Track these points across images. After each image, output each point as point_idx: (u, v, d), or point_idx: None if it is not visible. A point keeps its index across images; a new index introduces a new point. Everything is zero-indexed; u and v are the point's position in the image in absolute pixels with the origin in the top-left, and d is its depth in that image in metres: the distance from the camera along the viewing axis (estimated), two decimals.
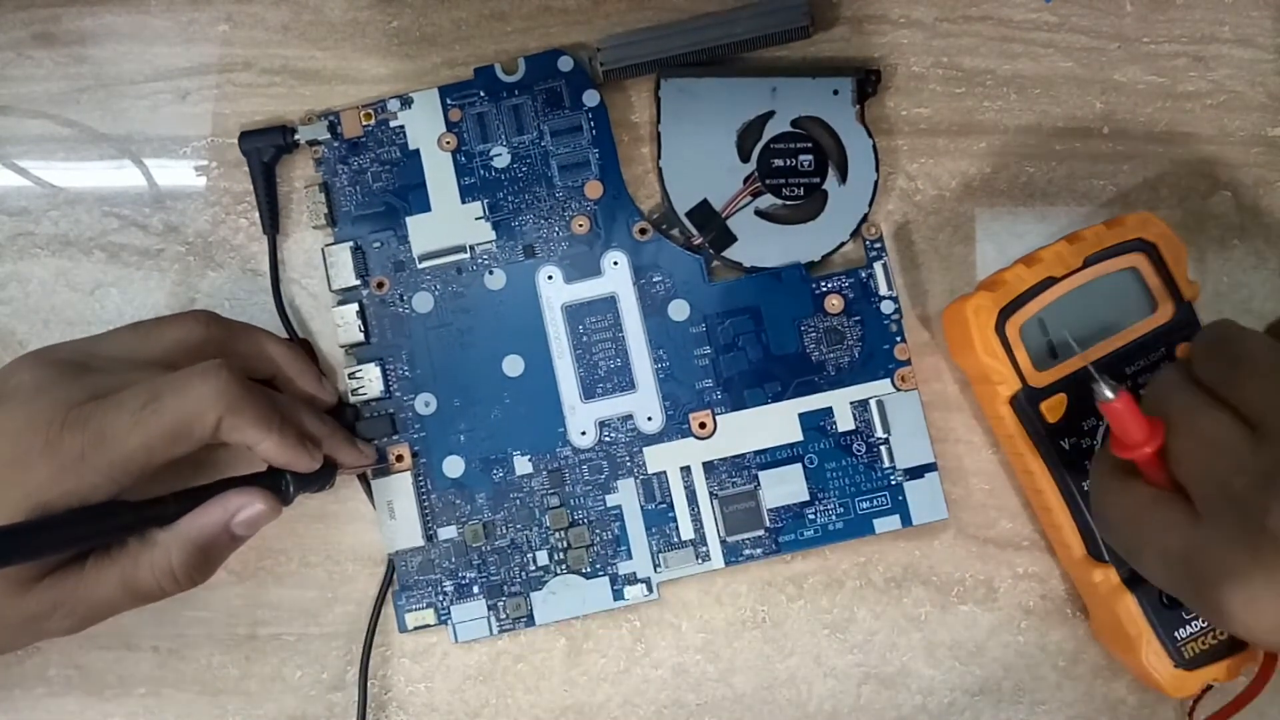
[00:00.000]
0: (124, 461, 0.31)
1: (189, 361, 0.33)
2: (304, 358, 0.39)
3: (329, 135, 0.40)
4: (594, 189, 0.40)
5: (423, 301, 0.40)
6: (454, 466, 0.39)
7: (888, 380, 0.39)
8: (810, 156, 0.39)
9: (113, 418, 0.31)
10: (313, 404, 0.38)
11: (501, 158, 0.40)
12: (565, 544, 0.39)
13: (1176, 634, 0.35)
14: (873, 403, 0.39)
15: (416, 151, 0.40)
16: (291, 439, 0.33)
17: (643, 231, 0.40)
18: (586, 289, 0.40)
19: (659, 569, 0.38)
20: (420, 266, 0.40)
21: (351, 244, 0.40)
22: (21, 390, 0.32)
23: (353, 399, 0.39)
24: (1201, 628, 0.36)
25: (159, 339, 0.35)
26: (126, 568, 0.32)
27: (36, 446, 0.30)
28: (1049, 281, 0.36)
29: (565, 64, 0.40)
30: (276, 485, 0.34)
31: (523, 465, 0.39)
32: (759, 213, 0.39)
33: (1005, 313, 0.36)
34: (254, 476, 0.34)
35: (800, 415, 0.39)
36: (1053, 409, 0.36)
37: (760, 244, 0.39)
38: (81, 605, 0.32)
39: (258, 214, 0.40)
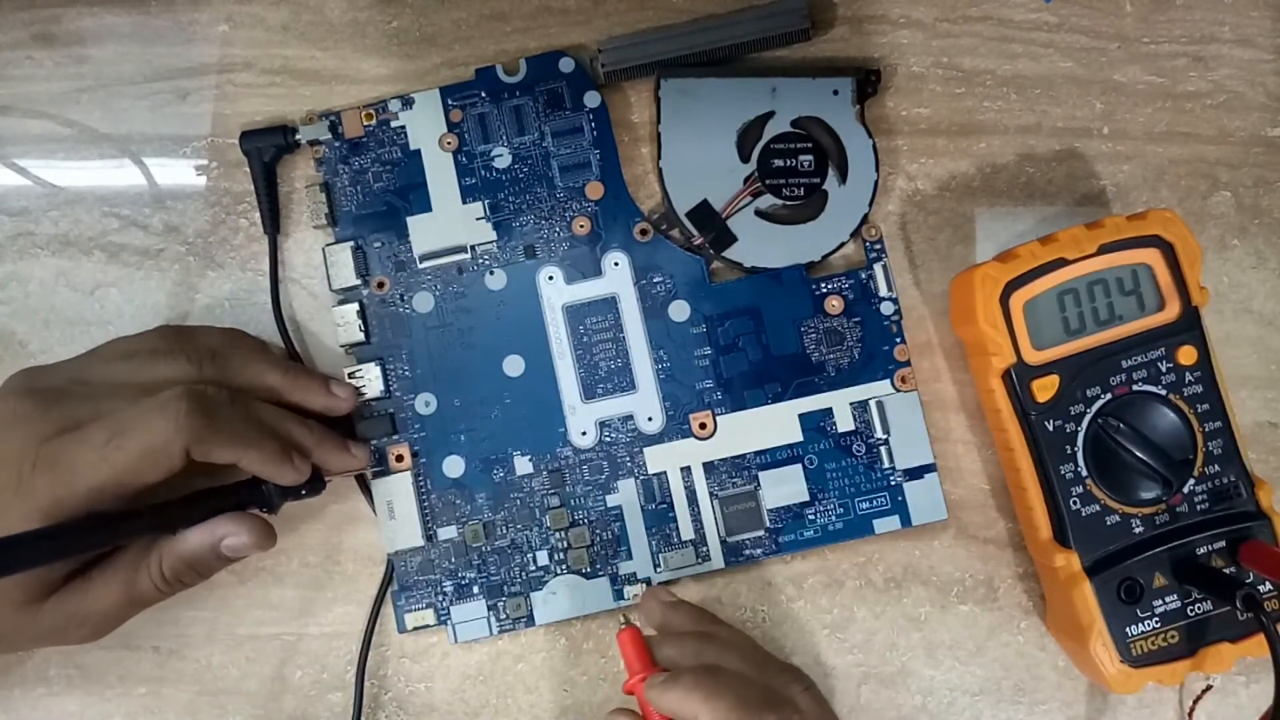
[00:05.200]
0: (95, 493, 0.31)
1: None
2: (305, 376, 0.37)
3: (330, 135, 0.40)
4: (595, 190, 0.40)
5: (423, 301, 0.40)
6: (454, 466, 0.39)
7: (887, 381, 0.39)
8: (810, 156, 0.39)
9: (79, 454, 0.31)
10: (304, 412, 0.37)
11: (502, 158, 0.40)
12: (565, 544, 0.39)
13: (1128, 630, 0.35)
14: (872, 403, 0.39)
15: (417, 152, 0.40)
16: (271, 453, 0.33)
17: (643, 232, 0.40)
18: (587, 289, 0.40)
19: (659, 569, 0.38)
20: (421, 266, 0.40)
21: (352, 244, 0.40)
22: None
23: None
24: (1154, 627, 0.35)
25: (150, 370, 0.34)
26: (128, 575, 0.33)
27: (10, 485, 0.31)
28: (1061, 262, 0.36)
29: (566, 65, 0.40)
30: (260, 495, 0.34)
31: (523, 465, 0.39)
32: (759, 213, 0.39)
33: (1012, 286, 0.36)
34: (239, 486, 0.34)
35: (800, 416, 0.39)
36: (1044, 388, 0.36)
37: (760, 244, 0.39)
38: (93, 615, 0.33)
39: (258, 214, 0.40)
